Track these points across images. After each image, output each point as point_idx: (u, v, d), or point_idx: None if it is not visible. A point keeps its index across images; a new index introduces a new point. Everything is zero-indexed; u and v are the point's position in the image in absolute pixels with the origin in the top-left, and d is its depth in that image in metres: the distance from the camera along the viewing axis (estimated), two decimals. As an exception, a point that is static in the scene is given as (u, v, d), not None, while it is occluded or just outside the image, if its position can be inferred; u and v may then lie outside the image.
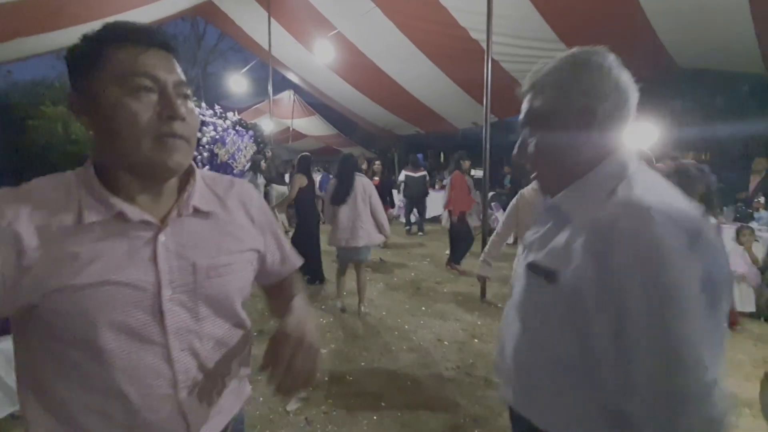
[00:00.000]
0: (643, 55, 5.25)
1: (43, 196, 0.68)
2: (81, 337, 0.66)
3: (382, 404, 2.57)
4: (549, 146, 0.86)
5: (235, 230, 0.82)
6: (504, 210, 6.60)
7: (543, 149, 0.87)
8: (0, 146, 10.83)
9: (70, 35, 6.34)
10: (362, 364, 3.07)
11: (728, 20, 4.22)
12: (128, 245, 0.70)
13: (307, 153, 5.45)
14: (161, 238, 0.72)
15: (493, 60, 4.35)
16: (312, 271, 4.96)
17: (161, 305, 0.70)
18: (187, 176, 0.80)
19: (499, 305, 4.29)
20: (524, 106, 0.90)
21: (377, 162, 9.10)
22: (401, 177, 8.49)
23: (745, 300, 3.98)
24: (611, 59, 0.84)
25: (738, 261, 3.96)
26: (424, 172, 8.40)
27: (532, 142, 0.88)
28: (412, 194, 8.17)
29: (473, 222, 6.03)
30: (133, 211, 0.70)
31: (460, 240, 5.66)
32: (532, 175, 0.93)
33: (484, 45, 4.78)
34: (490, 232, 5.36)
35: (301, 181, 4.86)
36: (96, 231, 0.68)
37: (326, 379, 2.85)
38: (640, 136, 5.93)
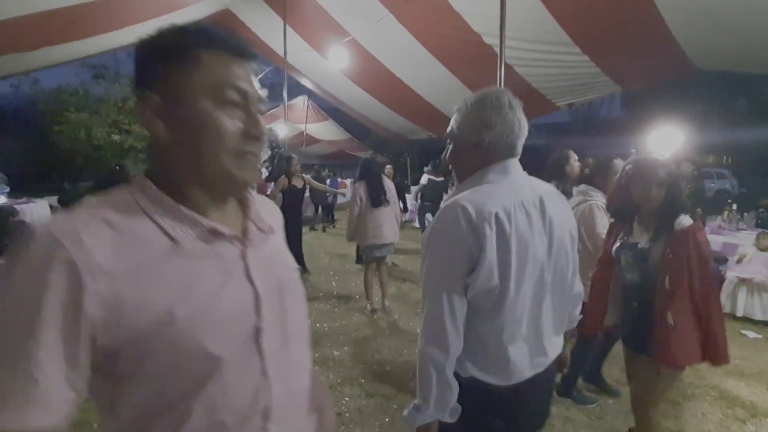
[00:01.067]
0: (660, 57, 5.17)
1: (114, 219, 0.58)
2: (183, 370, 0.58)
3: (394, 406, 2.57)
4: (454, 154, 1.23)
5: (284, 247, 0.80)
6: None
7: (452, 155, 1.24)
8: (26, 151, 11.27)
9: (93, 44, 6.57)
10: (374, 366, 3.08)
11: (748, 21, 4.14)
12: (222, 264, 0.63)
13: (291, 154, 5.82)
14: (250, 253, 0.66)
15: (506, 64, 4.34)
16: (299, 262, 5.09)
17: (260, 327, 0.65)
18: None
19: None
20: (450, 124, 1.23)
21: (389, 166, 9.15)
22: (423, 180, 8.53)
23: (766, 308, 3.86)
24: (506, 100, 1.14)
25: (760, 268, 3.85)
26: (443, 177, 8.45)
27: (448, 149, 1.26)
28: (432, 198, 8.19)
29: None
30: (224, 227, 0.65)
31: None
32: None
33: (497, 49, 4.78)
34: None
35: (283, 182, 5.24)
36: (186, 252, 0.61)
37: (339, 381, 2.86)
38: (663, 141, 5.86)
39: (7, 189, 7.94)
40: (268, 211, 0.78)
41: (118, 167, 5.80)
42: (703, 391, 2.85)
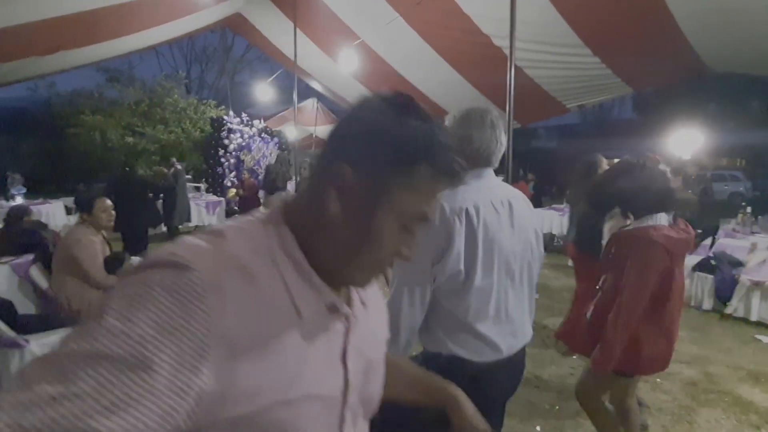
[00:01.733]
0: (672, 59, 5.13)
1: (254, 271, 0.51)
2: None
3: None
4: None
5: (381, 320, 0.73)
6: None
7: None
8: (42, 152, 11.50)
9: (108, 48, 6.70)
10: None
11: (762, 21, 4.09)
12: (328, 343, 0.58)
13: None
14: (352, 332, 0.61)
15: (516, 66, 4.34)
16: None
17: (344, 415, 0.59)
18: None
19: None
20: None
21: None
22: None
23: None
24: (489, 119, 1.26)
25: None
26: None
27: None
28: None
29: None
30: (341, 303, 0.59)
31: None
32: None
33: (506, 51, 4.77)
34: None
35: None
36: (305, 326, 0.54)
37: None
38: (681, 143, 5.81)
39: (24, 189, 8.12)
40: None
41: (128, 169, 5.92)
42: (716, 397, 2.81)
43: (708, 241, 5.14)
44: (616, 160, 3.07)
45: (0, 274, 3.04)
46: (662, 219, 1.68)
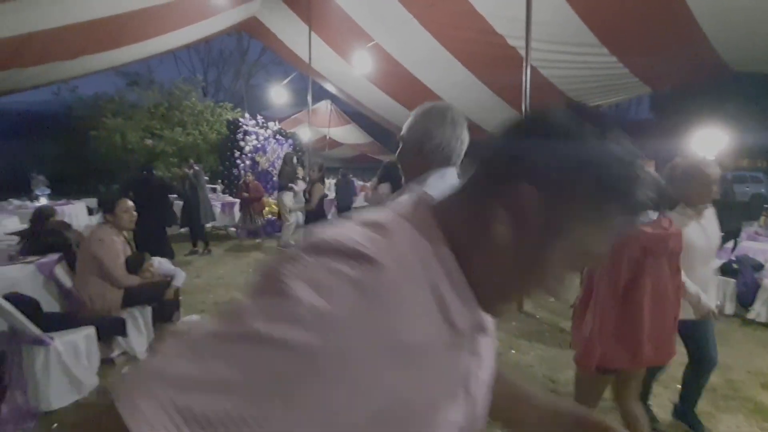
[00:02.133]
0: (692, 58, 5.03)
1: (416, 268, 0.46)
2: None
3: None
4: (401, 154, 1.36)
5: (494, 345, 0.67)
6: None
7: (400, 155, 1.36)
8: (66, 154, 11.83)
9: (128, 52, 6.86)
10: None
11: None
12: (465, 367, 0.52)
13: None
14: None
15: (531, 66, 4.31)
16: None
17: None
18: None
19: (538, 316, 4.19)
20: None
21: None
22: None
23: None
24: (450, 116, 1.26)
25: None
26: None
27: (399, 149, 1.37)
28: None
29: None
30: (488, 324, 0.54)
31: None
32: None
33: (521, 52, 4.74)
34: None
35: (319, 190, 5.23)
36: (456, 345, 0.48)
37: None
38: (705, 143, 5.68)
39: (48, 191, 8.35)
40: None
41: (145, 171, 6.04)
42: (738, 404, 2.75)
43: (730, 244, 5.02)
44: None
45: (26, 273, 3.14)
46: (648, 215, 1.73)
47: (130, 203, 3.24)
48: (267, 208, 8.39)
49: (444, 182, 1.24)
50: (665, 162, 3.13)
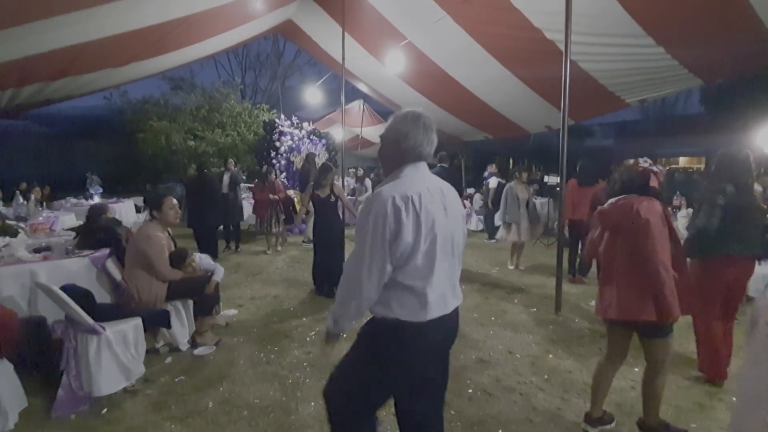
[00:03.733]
0: (747, 47, 4.66)
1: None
2: None
3: (452, 412, 2.54)
4: (381, 151, 1.60)
5: None
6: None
7: (380, 152, 1.61)
8: (116, 155, 12.58)
9: (173, 58, 7.19)
10: (430, 370, 3.07)
11: None
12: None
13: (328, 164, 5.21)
14: None
15: (571, 60, 4.15)
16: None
17: None
18: None
19: (576, 320, 4.03)
20: None
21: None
22: (493, 183, 8.38)
23: None
24: (422, 122, 1.50)
25: None
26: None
27: (380, 147, 1.61)
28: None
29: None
30: None
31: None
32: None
33: (560, 45, 4.56)
34: (566, 243, 5.11)
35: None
36: None
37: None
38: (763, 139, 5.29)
39: (101, 190, 8.92)
40: None
41: (204, 169, 6.42)
42: None
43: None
44: (681, 159, 3.05)
45: (80, 266, 3.36)
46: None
47: (175, 201, 3.40)
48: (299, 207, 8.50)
49: (418, 172, 1.49)
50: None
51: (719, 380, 2.85)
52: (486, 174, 8.83)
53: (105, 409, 2.55)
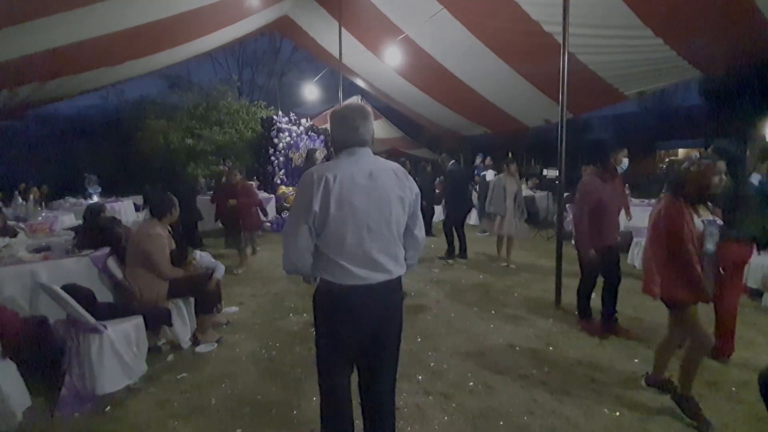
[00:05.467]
0: (747, 39, 4.64)
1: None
2: None
3: (453, 405, 2.56)
4: (331, 138, 1.80)
5: None
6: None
7: (331, 138, 1.82)
8: (114, 155, 12.55)
9: (170, 56, 7.14)
10: (431, 364, 3.08)
11: None
12: None
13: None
14: None
15: (569, 53, 4.13)
16: None
17: None
18: None
19: (576, 313, 4.04)
20: None
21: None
22: (489, 176, 8.44)
23: None
24: (356, 113, 1.72)
25: None
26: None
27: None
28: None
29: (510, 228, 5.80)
30: None
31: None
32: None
33: (558, 38, 4.54)
34: (566, 236, 5.12)
35: None
36: None
37: (397, 376, 2.90)
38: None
39: (99, 189, 8.91)
40: None
41: (176, 168, 6.55)
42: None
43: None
44: (681, 151, 3.29)
45: (81, 265, 3.37)
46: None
47: (176, 200, 3.40)
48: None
49: (352, 157, 1.68)
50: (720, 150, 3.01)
51: (722, 357, 3.07)
52: (480, 166, 8.78)
53: (108, 408, 2.56)
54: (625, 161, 3.57)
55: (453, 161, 6.54)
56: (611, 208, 3.43)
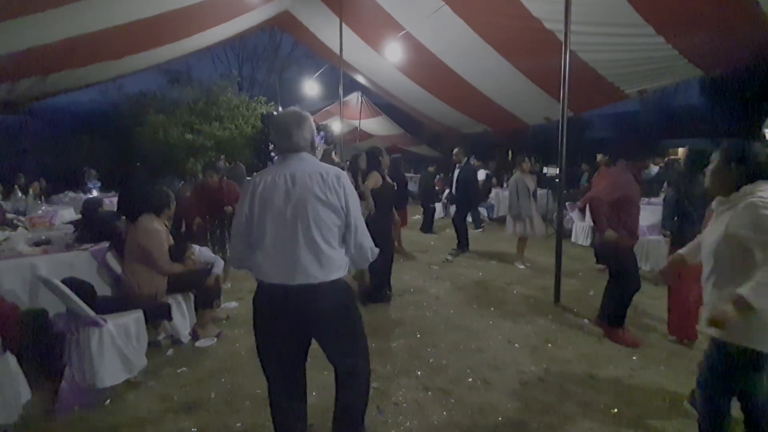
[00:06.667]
0: (747, 37, 4.64)
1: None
2: None
3: (452, 401, 2.57)
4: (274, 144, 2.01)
5: None
6: (578, 210, 6.23)
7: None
8: (114, 150, 12.50)
9: (169, 50, 7.11)
10: (430, 360, 3.09)
11: None
12: None
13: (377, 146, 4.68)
14: None
15: (570, 51, 4.12)
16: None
17: None
18: None
19: (575, 310, 4.06)
20: None
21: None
22: (480, 175, 8.50)
23: None
24: (290, 119, 1.80)
25: None
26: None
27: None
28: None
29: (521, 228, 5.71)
30: None
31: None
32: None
33: (559, 35, 4.53)
34: (566, 234, 5.12)
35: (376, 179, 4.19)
36: None
37: (395, 372, 2.91)
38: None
39: (99, 184, 8.89)
40: None
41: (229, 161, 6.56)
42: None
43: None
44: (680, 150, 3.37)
45: (81, 259, 3.37)
46: None
47: (172, 194, 3.40)
48: None
49: (282, 162, 1.78)
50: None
51: (689, 339, 3.27)
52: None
53: (108, 401, 2.57)
54: (655, 169, 3.56)
55: (466, 158, 6.79)
56: (637, 207, 3.31)
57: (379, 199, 4.17)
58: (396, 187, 4.71)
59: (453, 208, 7.26)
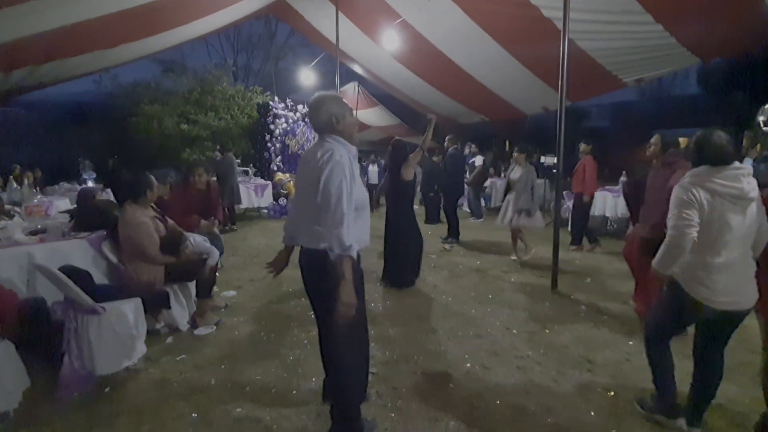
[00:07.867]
0: (746, 25, 4.62)
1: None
2: None
3: (451, 386, 2.60)
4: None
5: None
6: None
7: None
8: (106, 141, 12.41)
9: (163, 39, 7.01)
10: (429, 346, 3.11)
11: None
12: None
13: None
14: None
15: (569, 39, 4.10)
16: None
17: None
18: None
19: (572, 297, 4.09)
20: None
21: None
22: (478, 161, 8.58)
23: None
24: (311, 101, 2.00)
25: None
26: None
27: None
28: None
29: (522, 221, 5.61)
30: None
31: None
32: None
33: (557, 23, 4.49)
34: (563, 222, 5.13)
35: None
36: None
37: (394, 357, 2.94)
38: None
39: (94, 175, 8.83)
40: None
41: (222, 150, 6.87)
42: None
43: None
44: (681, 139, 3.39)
45: (79, 247, 3.35)
46: None
47: (153, 178, 3.29)
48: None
49: (314, 144, 1.98)
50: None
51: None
52: (468, 154, 8.67)
53: (107, 388, 2.58)
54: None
55: (455, 146, 6.80)
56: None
57: (402, 193, 4.47)
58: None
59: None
